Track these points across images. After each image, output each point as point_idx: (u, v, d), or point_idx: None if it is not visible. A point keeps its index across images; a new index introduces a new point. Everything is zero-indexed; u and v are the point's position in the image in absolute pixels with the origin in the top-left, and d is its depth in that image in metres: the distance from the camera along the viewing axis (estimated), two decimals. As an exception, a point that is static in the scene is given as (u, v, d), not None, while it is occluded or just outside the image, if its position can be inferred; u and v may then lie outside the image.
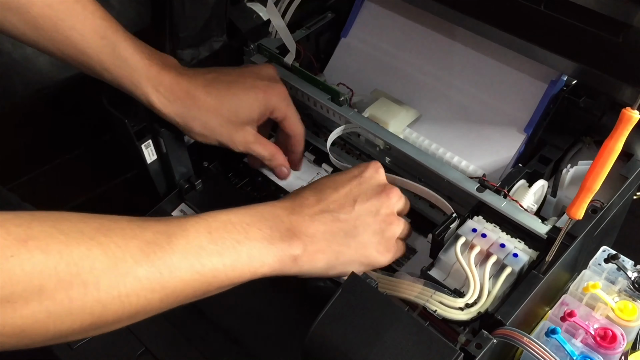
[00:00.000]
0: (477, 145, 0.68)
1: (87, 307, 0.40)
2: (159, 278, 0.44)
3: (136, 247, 0.43)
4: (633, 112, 0.44)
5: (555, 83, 0.65)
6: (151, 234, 0.45)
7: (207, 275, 0.47)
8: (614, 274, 0.57)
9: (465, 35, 0.69)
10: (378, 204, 0.56)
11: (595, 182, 0.47)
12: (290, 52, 0.72)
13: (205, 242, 0.47)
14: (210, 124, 0.63)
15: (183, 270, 0.45)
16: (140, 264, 0.43)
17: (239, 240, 0.49)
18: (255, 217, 0.51)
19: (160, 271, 0.44)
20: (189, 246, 0.46)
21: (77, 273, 0.40)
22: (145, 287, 0.43)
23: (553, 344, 0.51)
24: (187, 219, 0.48)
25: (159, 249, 0.44)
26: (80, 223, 0.42)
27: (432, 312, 0.52)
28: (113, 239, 0.42)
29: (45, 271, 0.38)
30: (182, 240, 0.46)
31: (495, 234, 0.57)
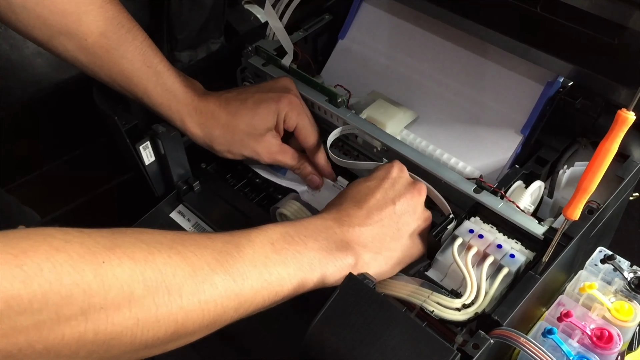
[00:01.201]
0: (474, 146, 0.68)
1: (171, 313, 0.42)
2: (233, 286, 0.46)
3: (210, 255, 0.45)
4: (628, 114, 0.45)
5: (551, 84, 0.65)
6: (221, 244, 0.47)
7: (274, 284, 0.49)
8: (610, 275, 0.58)
9: (462, 37, 0.69)
10: (413, 202, 0.57)
11: (592, 183, 0.47)
12: (287, 54, 0.72)
13: (270, 252, 0.49)
14: (231, 140, 0.66)
15: (253, 279, 0.47)
16: (216, 272, 0.45)
17: (299, 250, 0.51)
18: (309, 229, 0.53)
19: (234, 278, 0.46)
20: (256, 255, 0.48)
21: (161, 280, 0.41)
22: (221, 295, 0.45)
23: (550, 345, 0.51)
24: (249, 231, 0.50)
25: (230, 257, 0.47)
26: (158, 235, 0.45)
27: (429, 312, 0.52)
28: (189, 248, 0.45)
29: (134, 277, 0.40)
30: (249, 249, 0.48)
31: (492, 235, 0.57)
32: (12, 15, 0.58)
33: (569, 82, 0.66)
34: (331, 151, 0.67)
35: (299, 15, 0.77)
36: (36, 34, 0.60)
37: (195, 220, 0.69)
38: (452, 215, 0.59)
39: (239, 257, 0.47)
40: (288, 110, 0.67)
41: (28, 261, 0.35)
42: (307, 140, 0.69)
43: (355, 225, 0.54)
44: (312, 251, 0.51)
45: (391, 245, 0.56)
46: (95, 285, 0.38)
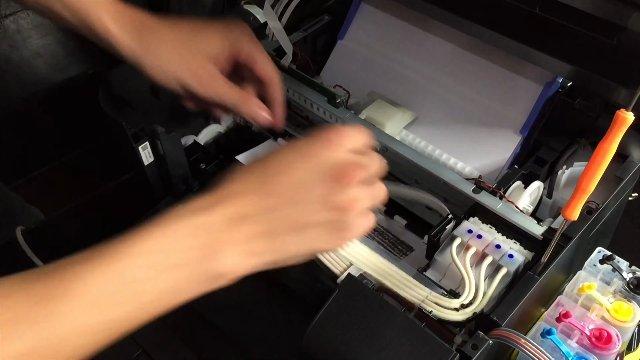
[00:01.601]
0: (473, 146, 0.68)
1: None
2: None
3: None
4: (627, 114, 0.45)
5: (550, 85, 0.65)
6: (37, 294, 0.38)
7: (107, 330, 0.41)
8: (609, 275, 0.58)
9: (461, 37, 0.69)
10: (327, 192, 0.45)
11: (590, 183, 0.47)
12: (287, 55, 0.72)
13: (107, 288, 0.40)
14: (166, 54, 0.59)
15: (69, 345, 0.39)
16: None
17: (148, 277, 0.42)
18: (169, 237, 0.43)
19: None
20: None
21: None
22: None
23: (549, 345, 0.51)
24: (77, 273, 0.40)
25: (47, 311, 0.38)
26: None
27: (427, 312, 0.52)
28: None
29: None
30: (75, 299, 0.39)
31: (490, 235, 0.57)
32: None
33: (568, 82, 0.66)
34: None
35: (298, 16, 0.77)
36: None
37: (194, 220, 0.69)
38: (451, 216, 0.59)
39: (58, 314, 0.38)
40: (241, 38, 0.62)
41: None
42: (268, 73, 0.62)
43: (238, 219, 0.44)
44: (167, 273, 0.42)
45: (286, 239, 0.46)
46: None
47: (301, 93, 0.69)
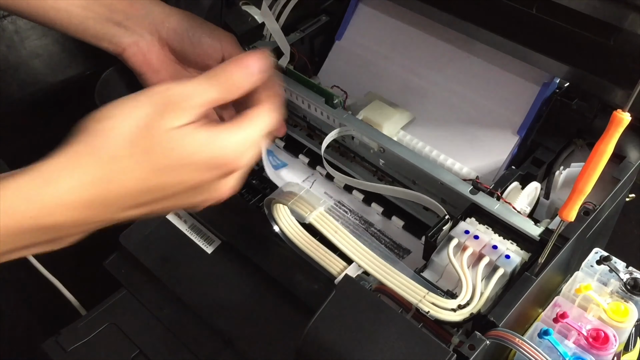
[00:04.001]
0: (471, 147, 0.68)
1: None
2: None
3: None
4: (624, 115, 0.45)
5: (547, 85, 0.65)
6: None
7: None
8: (606, 276, 0.58)
9: (459, 38, 0.69)
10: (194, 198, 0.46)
11: (587, 184, 0.47)
12: (284, 55, 0.72)
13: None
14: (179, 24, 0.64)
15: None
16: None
17: None
18: None
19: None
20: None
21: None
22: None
23: (546, 345, 0.51)
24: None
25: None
26: None
27: (424, 313, 0.52)
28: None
29: None
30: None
31: (487, 236, 0.57)
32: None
33: (565, 83, 0.66)
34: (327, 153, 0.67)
35: (295, 16, 0.77)
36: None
37: (192, 221, 0.69)
38: (448, 216, 0.59)
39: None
40: (230, 46, 0.66)
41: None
42: None
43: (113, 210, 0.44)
44: None
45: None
46: None
47: (298, 94, 0.69)
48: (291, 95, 0.71)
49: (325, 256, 0.59)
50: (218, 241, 0.67)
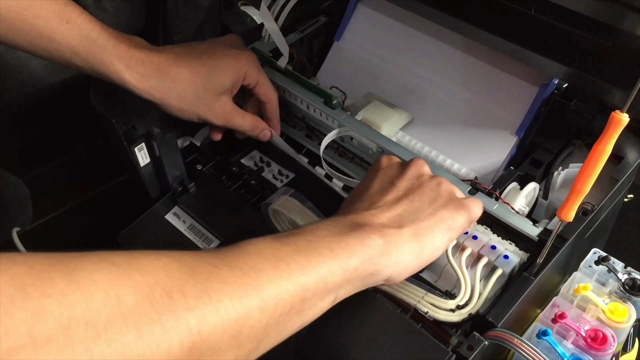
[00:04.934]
0: (469, 148, 0.68)
1: None
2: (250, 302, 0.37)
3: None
4: (622, 115, 0.45)
5: (546, 86, 0.65)
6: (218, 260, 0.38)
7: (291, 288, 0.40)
8: (604, 276, 0.58)
9: (458, 39, 0.69)
10: (414, 173, 0.53)
11: (586, 184, 0.47)
12: (283, 56, 0.72)
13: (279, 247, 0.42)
14: (185, 96, 0.63)
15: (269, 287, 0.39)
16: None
17: (309, 239, 0.44)
18: (315, 232, 0.45)
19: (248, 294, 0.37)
20: (262, 258, 0.40)
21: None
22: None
23: (544, 346, 0.51)
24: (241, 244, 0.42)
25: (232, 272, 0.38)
26: None
27: (423, 313, 0.52)
28: None
29: None
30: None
31: (486, 236, 0.57)
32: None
33: (563, 83, 0.66)
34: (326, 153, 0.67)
35: (294, 17, 0.77)
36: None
37: (191, 222, 0.69)
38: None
39: (243, 266, 0.39)
40: (248, 68, 0.66)
41: None
42: (268, 95, 0.68)
43: (365, 214, 0.49)
44: (326, 237, 0.44)
45: (413, 217, 0.49)
46: None
47: (297, 94, 0.69)
48: (290, 95, 0.71)
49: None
50: (217, 241, 0.66)
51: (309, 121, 0.72)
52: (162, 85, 0.62)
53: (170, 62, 0.62)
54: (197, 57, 0.63)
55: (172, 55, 0.62)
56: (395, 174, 0.53)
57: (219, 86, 0.64)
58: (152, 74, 0.61)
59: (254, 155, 0.74)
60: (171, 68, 0.62)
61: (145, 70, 0.61)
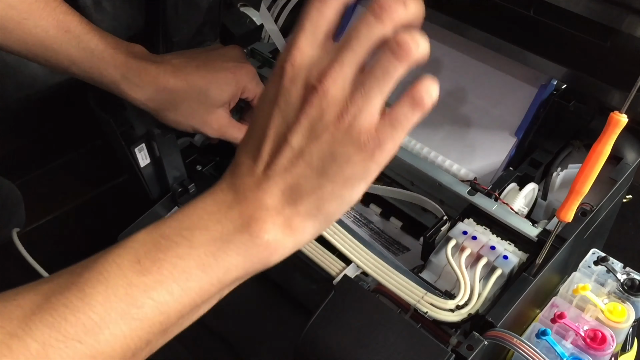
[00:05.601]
0: (469, 149, 0.68)
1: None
2: (81, 348, 0.34)
3: (40, 321, 0.33)
4: (621, 116, 0.45)
5: (545, 87, 0.65)
6: (58, 296, 0.35)
7: (151, 317, 0.36)
8: (603, 276, 0.58)
9: (457, 39, 0.70)
10: (316, 112, 0.38)
11: (585, 185, 0.48)
12: (283, 57, 0.72)
13: (134, 276, 0.36)
14: (181, 109, 0.63)
15: (112, 327, 0.35)
16: (48, 344, 0.33)
17: (181, 255, 0.37)
18: (194, 217, 0.39)
19: (81, 339, 0.34)
20: (111, 291, 0.35)
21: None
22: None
23: (544, 346, 0.52)
24: (105, 253, 0.37)
25: (69, 311, 0.34)
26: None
27: (423, 313, 0.53)
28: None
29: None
30: (99, 287, 0.35)
31: (485, 237, 0.57)
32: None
33: (562, 84, 0.66)
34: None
35: (294, 18, 0.77)
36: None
37: (191, 222, 0.69)
38: (446, 217, 0.59)
39: (83, 305, 0.34)
40: (247, 81, 0.66)
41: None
42: None
43: (254, 187, 0.39)
44: (201, 247, 0.37)
45: (317, 183, 0.38)
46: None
47: (297, 95, 0.69)
48: (290, 96, 0.71)
49: (323, 256, 0.59)
50: (217, 242, 0.67)
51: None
52: (158, 97, 0.62)
53: (167, 74, 0.62)
54: (195, 69, 0.64)
55: (169, 67, 0.63)
56: (294, 107, 0.38)
57: (215, 100, 0.64)
58: (148, 85, 0.61)
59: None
60: (168, 80, 0.62)
61: (141, 81, 0.61)
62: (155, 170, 0.69)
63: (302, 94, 0.38)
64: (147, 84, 0.61)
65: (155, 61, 0.63)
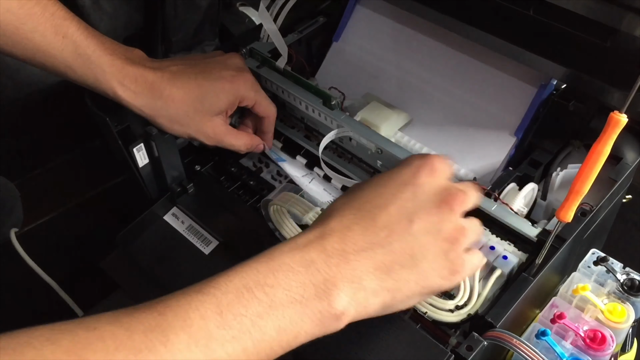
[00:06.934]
0: (468, 148, 0.68)
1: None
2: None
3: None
4: (621, 116, 0.45)
5: (545, 87, 0.65)
6: (141, 335, 0.36)
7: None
8: (603, 277, 0.58)
9: (456, 39, 0.70)
10: (438, 220, 0.45)
11: (584, 185, 0.48)
12: (282, 56, 0.72)
13: (215, 328, 0.38)
14: (176, 117, 0.63)
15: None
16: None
17: (260, 313, 0.39)
18: (280, 273, 0.40)
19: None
20: (192, 341, 0.37)
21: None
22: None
23: (543, 346, 0.52)
24: (189, 297, 0.39)
25: (153, 355, 0.36)
26: (48, 346, 0.35)
27: (422, 314, 0.53)
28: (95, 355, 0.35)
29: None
30: (182, 335, 0.37)
31: (485, 237, 0.57)
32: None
33: (562, 84, 0.66)
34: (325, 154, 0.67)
35: (293, 18, 0.77)
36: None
37: (189, 222, 0.69)
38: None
39: (166, 351, 0.36)
40: (245, 90, 0.66)
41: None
42: (266, 112, 0.69)
43: (350, 254, 0.42)
44: (280, 308, 0.39)
45: (400, 276, 0.44)
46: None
47: (296, 95, 0.69)
48: (289, 96, 0.71)
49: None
50: (215, 242, 0.66)
51: (308, 122, 0.72)
52: (154, 104, 0.62)
53: (164, 81, 0.62)
54: (192, 77, 0.64)
55: (167, 75, 0.63)
56: (423, 206, 0.45)
57: (211, 109, 0.64)
58: (144, 92, 0.61)
59: (253, 155, 0.74)
60: (164, 88, 0.62)
61: (137, 88, 0.61)
62: (154, 170, 0.69)
63: (440, 189, 0.47)
64: (143, 91, 0.61)
65: (153, 68, 0.63)
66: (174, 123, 0.64)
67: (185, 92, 0.63)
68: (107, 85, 0.61)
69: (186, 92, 0.63)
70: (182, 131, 0.65)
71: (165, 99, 0.62)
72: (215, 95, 0.64)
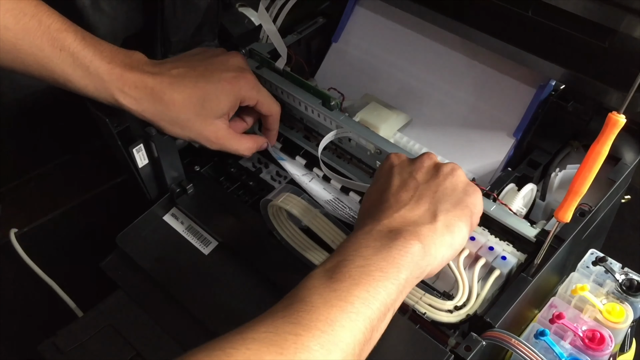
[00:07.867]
0: (467, 149, 0.68)
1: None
2: None
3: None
4: (619, 117, 0.45)
5: (543, 88, 0.65)
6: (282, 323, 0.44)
7: (369, 315, 0.45)
8: (602, 277, 0.58)
9: (456, 40, 0.70)
10: (429, 164, 0.56)
11: (583, 185, 0.48)
12: (281, 57, 0.72)
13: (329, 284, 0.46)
14: (178, 121, 0.63)
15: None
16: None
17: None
18: (353, 251, 0.48)
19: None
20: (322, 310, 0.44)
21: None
22: None
23: (542, 346, 0.52)
24: (301, 294, 0.47)
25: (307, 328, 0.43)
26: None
27: (421, 314, 0.53)
28: None
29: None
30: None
31: (484, 237, 0.57)
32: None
33: (561, 85, 0.66)
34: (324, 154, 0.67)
35: (292, 18, 0.78)
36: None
37: (189, 223, 0.69)
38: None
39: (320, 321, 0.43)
40: (247, 90, 0.66)
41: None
42: (270, 110, 0.69)
43: (394, 213, 0.51)
44: (379, 262, 0.47)
45: (440, 207, 0.52)
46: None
47: (295, 95, 0.69)
48: (288, 97, 0.71)
49: (322, 257, 0.59)
50: (215, 242, 0.67)
51: (307, 122, 0.72)
52: (155, 109, 0.62)
53: (164, 86, 0.62)
54: (193, 81, 0.63)
55: (167, 79, 0.63)
56: (412, 168, 0.56)
57: (213, 112, 0.64)
58: (145, 97, 0.62)
59: (252, 156, 0.74)
60: (165, 93, 0.62)
61: (138, 94, 0.61)
62: (154, 171, 0.69)
63: (412, 160, 0.58)
64: (144, 96, 0.62)
65: (153, 72, 0.63)
66: (176, 127, 0.64)
67: (185, 96, 0.63)
68: (107, 94, 0.61)
69: (187, 96, 0.63)
70: (184, 134, 0.65)
71: (166, 103, 0.62)
72: (216, 97, 0.64)
